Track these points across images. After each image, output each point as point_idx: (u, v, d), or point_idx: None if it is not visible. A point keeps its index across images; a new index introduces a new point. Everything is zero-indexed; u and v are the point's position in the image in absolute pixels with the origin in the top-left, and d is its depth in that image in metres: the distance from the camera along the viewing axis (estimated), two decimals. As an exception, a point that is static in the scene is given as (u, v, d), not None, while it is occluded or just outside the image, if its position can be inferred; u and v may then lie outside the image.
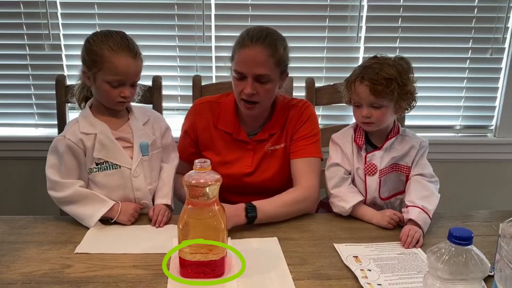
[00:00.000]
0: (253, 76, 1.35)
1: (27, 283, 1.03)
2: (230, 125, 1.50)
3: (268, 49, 1.35)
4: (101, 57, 1.29)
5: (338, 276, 1.08)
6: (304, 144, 1.48)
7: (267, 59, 1.34)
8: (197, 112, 1.53)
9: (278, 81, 1.42)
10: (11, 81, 2.04)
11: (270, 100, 1.45)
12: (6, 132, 2.09)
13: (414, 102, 1.39)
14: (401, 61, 1.36)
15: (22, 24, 1.97)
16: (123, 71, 1.30)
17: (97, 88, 1.33)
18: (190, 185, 1.02)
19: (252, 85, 1.36)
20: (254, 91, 1.37)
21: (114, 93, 1.32)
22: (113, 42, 1.29)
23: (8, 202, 2.11)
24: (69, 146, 1.32)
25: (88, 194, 1.33)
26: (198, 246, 1.04)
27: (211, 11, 1.98)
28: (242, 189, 1.50)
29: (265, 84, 1.37)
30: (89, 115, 1.37)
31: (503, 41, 2.06)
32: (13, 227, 1.30)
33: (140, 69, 1.35)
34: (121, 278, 1.06)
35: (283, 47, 1.38)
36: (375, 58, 1.37)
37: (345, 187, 1.42)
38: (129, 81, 1.33)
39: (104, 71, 1.29)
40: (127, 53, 1.30)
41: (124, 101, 1.34)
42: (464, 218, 1.42)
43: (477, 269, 0.80)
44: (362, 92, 1.34)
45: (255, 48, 1.34)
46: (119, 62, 1.29)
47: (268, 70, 1.35)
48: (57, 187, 1.33)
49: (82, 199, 1.31)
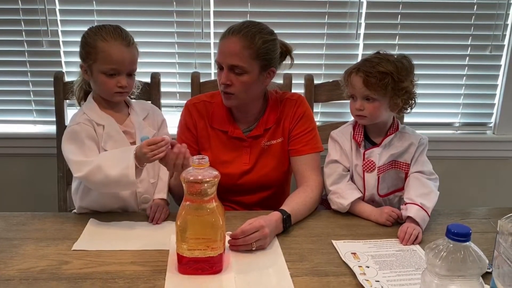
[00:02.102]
0: (227, 66, 1.37)
1: (24, 280, 1.03)
2: (224, 123, 1.50)
3: (244, 40, 1.35)
4: (95, 48, 1.30)
5: (336, 273, 1.08)
6: (306, 140, 1.48)
7: (241, 50, 1.35)
8: (195, 112, 1.51)
9: (258, 75, 1.40)
10: (9, 77, 2.03)
11: (248, 93, 1.42)
12: (4, 129, 2.08)
13: (413, 102, 1.39)
14: (403, 59, 1.36)
15: (20, 20, 1.96)
16: (117, 59, 1.30)
17: (95, 80, 1.34)
18: (188, 181, 1.02)
19: (227, 76, 1.37)
20: (229, 82, 1.38)
21: (110, 84, 1.32)
22: (106, 33, 1.31)
23: (6, 198, 2.10)
24: (86, 131, 1.32)
25: (108, 154, 1.29)
26: (196, 243, 1.04)
27: (210, 7, 1.97)
28: (241, 187, 1.50)
29: (240, 76, 1.37)
30: (95, 107, 1.37)
31: (502, 38, 2.05)
32: (11, 224, 1.30)
33: (135, 58, 1.36)
34: (119, 274, 1.06)
35: (262, 41, 1.37)
36: (377, 53, 1.38)
37: (343, 184, 1.42)
38: (125, 70, 1.33)
39: (99, 62, 1.30)
40: (120, 41, 1.32)
41: (122, 91, 1.34)
42: (462, 215, 1.42)
43: (475, 266, 0.79)
44: (356, 83, 1.35)
45: (230, 39, 1.36)
46: (112, 50, 1.30)
47: (242, 61, 1.35)
48: (83, 167, 1.26)
49: (107, 160, 1.25)
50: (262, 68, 1.40)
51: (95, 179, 1.25)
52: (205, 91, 1.73)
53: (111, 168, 1.22)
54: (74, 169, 1.28)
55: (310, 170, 1.46)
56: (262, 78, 1.42)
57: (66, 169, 1.74)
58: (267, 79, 1.44)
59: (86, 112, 1.36)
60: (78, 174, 1.26)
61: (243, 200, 1.53)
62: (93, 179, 1.25)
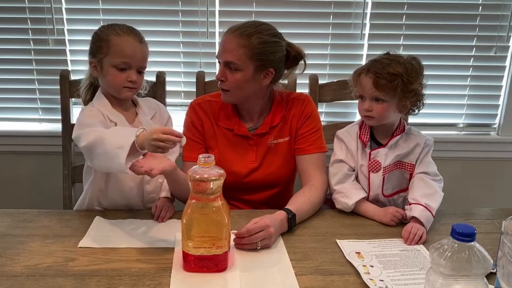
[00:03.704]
0: (223, 62, 1.40)
1: (31, 276, 1.04)
2: (230, 121, 1.50)
3: (240, 38, 1.36)
4: (107, 42, 1.32)
5: (341, 272, 1.08)
6: (312, 139, 1.49)
7: (237, 47, 1.36)
8: (201, 112, 1.52)
9: (252, 74, 1.40)
10: (15, 75, 2.04)
11: (242, 91, 1.42)
12: (10, 127, 2.09)
13: (421, 104, 1.39)
14: (413, 60, 1.36)
15: (27, 19, 1.97)
16: (129, 53, 1.32)
17: (104, 75, 1.35)
18: (194, 179, 1.02)
19: (222, 71, 1.41)
20: (223, 78, 1.40)
21: (121, 77, 1.33)
22: (119, 28, 1.35)
23: (12, 196, 2.12)
24: (102, 122, 1.32)
25: (114, 128, 1.27)
26: (202, 241, 1.05)
27: (215, 7, 1.97)
28: (247, 185, 1.50)
29: (233, 72, 1.39)
30: (107, 104, 1.38)
31: (507, 39, 2.05)
32: (17, 221, 1.31)
33: (146, 55, 1.38)
34: (124, 271, 1.06)
35: (259, 41, 1.37)
36: (387, 54, 1.38)
37: (348, 183, 1.42)
38: (136, 64, 1.34)
39: (110, 55, 1.32)
40: (133, 37, 1.34)
41: (131, 86, 1.35)
42: (467, 215, 1.42)
43: (479, 266, 0.80)
44: (365, 84, 1.35)
45: (228, 36, 1.39)
46: (125, 44, 1.32)
47: (236, 58, 1.37)
48: (89, 136, 1.20)
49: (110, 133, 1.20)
50: (258, 68, 1.39)
51: (97, 151, 1.17)
52: (210, 90, 1.74)
53: (109, 142, 1.14)
54: (81, 139, 1.21)
55: (315, 169, 1.47)
56: (258, 78, 1.42)
57: (71, 167, 1.75)
58: (265, 79, 1.43)
59: (99, 108, 1.36)
60: (83, 143, 1.20)
61: (249, 198, 1.53)
62: (96, 151, 1.18)
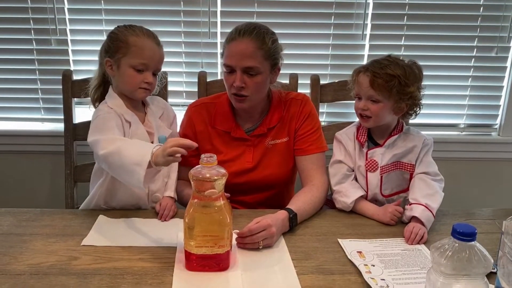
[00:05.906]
0: (241, 68, 1.37)
1: (34, 274, 1.05)
2: (227, 124, 1.51)
3: (256, 41, 1.36)
4: (126, 42, 1.33)
5: (342, 271, 1.09)
6: (311, 140, 1.50)
7: (255, 51, 1.36)
8: (195, 115, 1.53)
9: (269, 74, 1.42)
10: (17, 75, 2.05)
11: (261, 94, 1.44)
12: (13, 126, 2.10)
13: (418, 109, 1.40)
14: (413, 65, 1.37)
15: (29, 19, 1.97)
16: (148, 54, 1.34)
17: (121, 74, 1.36)
18: (197, 179, 1.03)
19: (241, 78, 1.38)
20: (243, 84, 1.38)
21: (138, 78, 1.34)
22: (138, 29, 1.36)
23: (14, 196, 2.12)
24: (117, 122, 1.33)
25: (131, 141, 1.24)
26: (204, 240, 1.05)
27: (217, 7, 1.98)
28: (244, 186, 1.50)
29: (254, 77, 1.38)
30: (121, 105, 1.38)
31: (508, 40, 2.05)
32: (20, 220, 1.32)
33: (162, 58, 1.40)
34: (127, 270, 1.07)
35: (271, 40, 1.39)
36: (388, 56, 1.39)
37: (347, 183, 1.43)
38: (153, 66, 1.36)
39: (129, 56, 1.33)
40: (152, 39, 1.36)
41: (147, 87, 1.36)
42: (467, 215, 1.43)
43: (480, 265, 0.80)
44: (362, 83, 1.36)
45: (242, 40, 1.36)
46: (145, 46, 1.34)
47: (257, 62, 1.36)
48: (108, 145, 1.20)
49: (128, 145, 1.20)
50: (272, 67, 1.42)
51: (114, 162, 1.18)
52: (212, 90, 1.75)
53: (127, 155, 1.15)
54: (100, 146, 1.22)
55: (315, 169, 1.47)
56: (271, 77, 1.45)
57: (73, 166, 1.76)
58: (274, 77, 1.46)
59: (114, 108, 1.36)
60: (102, 151, 1.20)
61: (246, 200, 1.53)
62: (113, 161, 1.19)
